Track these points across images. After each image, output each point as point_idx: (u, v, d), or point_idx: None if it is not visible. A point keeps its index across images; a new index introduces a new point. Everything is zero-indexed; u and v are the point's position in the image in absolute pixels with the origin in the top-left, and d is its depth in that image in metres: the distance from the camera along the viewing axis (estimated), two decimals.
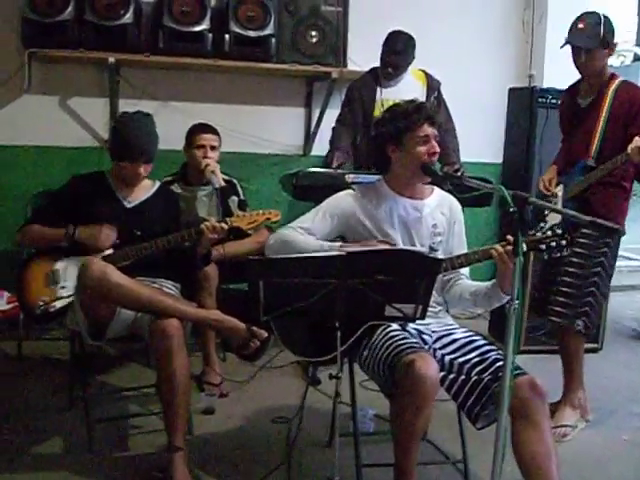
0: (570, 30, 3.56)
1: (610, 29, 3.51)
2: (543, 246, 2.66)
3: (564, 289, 3.58)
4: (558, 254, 2.74)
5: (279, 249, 2.85)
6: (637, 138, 3.28)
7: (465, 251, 2.92)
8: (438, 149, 2.84)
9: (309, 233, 2.89)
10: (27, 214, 4.20)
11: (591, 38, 3.49)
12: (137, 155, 3.35)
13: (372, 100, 4.46)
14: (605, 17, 3.53)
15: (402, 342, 2.62)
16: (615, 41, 3.51)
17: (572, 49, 3.55)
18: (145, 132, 3.41)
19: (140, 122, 3.44)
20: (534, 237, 2.66)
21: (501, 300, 2.73)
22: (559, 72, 3.80)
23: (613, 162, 3.41)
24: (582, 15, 3.56)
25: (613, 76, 3.57)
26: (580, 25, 3.53)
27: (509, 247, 2.58)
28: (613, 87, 3.52)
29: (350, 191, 3.00)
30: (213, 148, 4.22)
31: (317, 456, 3.23)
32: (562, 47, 3.59)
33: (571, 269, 3.55)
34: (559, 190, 3.66)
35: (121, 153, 3.38)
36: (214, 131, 4.28)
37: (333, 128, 4.62)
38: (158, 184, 3.63)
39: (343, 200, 2.96)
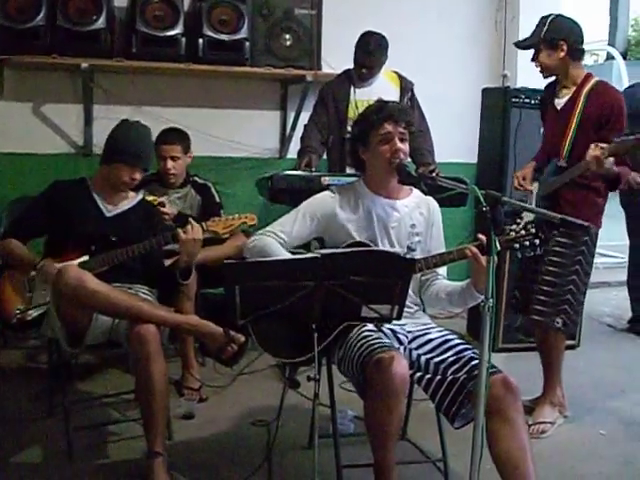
0: None
1: (556, 29, 3.53)
2: (517, 245, 2.68)
3: (545, 288, 3.60)
4: (532, 253, 2.76)
5: (257, 255, 2.85)
6: (592, 146, 3.29)
7: (442, 250, 2.94)
8: (401, 145, 2.83)
9: (289, 236, 2.90)
10: (1, 222, 4.17)
11: (532, 38, 3.59)
12: (138, 160, 3.35)
13: (345, 101, 4.48)
14: (556, 17, 3.58)
15: (374, 341, 2.63)
16: (564, 43, 3.50)
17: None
18: (146, 140, 3.45)
19: (141, 130, 3.45)
20: (508, 236, 2.68)
21: (476, 299, 2.74)
22: (532, 72, 3.82)
23: (577, 168, 3.44)
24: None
25: (587, 77, 3.58)
26: (534, 28, 3.62)
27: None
28: (587, 88, 3.54)
29: (329, 192, 3.01)
30: (174, 158, 4.21)
31: (297, 458, 3.23)
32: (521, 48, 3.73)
33: (551, 268, 3.58)
34: (534, 187, 3.70)
35: (121, 156, 3.34)
36: (174, 140, 4.24)
37: (305, 126, 4.62)
38: (140, 197, 3.62)
39: (322, 201, 2.97)
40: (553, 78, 3.70)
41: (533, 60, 3.61)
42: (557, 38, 3.51)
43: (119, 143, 3.40)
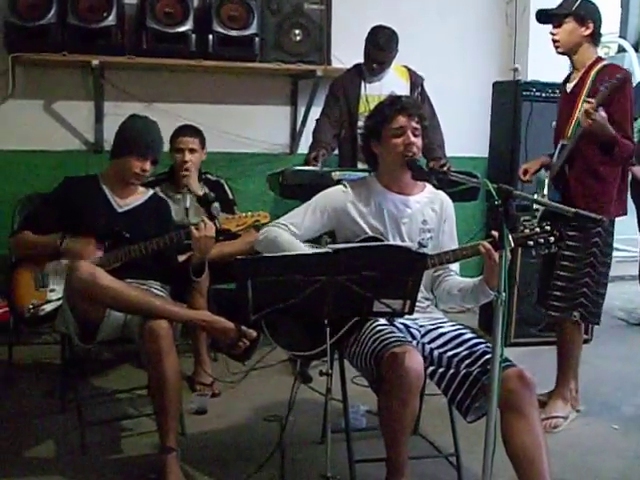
0: None
1: (586, 7, 3.54)
2: (531, 242, 2.68)
3: (559, 283, 3.60)
4: (546, 251, 2.75)
5: (267, 247, 2.86)
6: (585, 104, 3.32)
7: (455, 247, 2.95)
8: (414, 139, 2.83)
9: (299, 229, 2.90)
10: (14, 219, 4.19)
11: (560, 9, 3.57)
12: (148, 151, 3.37)
13: (356, 95, 4.48)
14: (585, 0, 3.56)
15: (388, 336, 2.64)
16: (592, 23, 3.52)
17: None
18: (155, 132, 3.46)
19: (149, 123, 3.48)
20: (522, 233, 2.68)
21: (488, 296, 2.73)
22: (543, 65, 3.82)
23: (574, 136, 3.46)
24: None
25: (597, 60, 3.59)
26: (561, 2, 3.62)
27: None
28: (595, 70, 3.54)
29: (341, 187, 3.00)
30: (192, 151, 4.23)
31: (310, 453, 3.24)
32: (541, 22, 3.69)
33: (564, 263, 3.58)
34: (545, 177, 3.68)
35: (131, 148, 3.36)
36: (193, 133, 4.27)
37: (317, 120, 4.62)
38: (151, 192, 3.64)
39: (334, 195, 2.97)
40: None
41: (555, 27, 3.59)
42: (587, 16, 3.53)
43: (128, 136, 3.43)
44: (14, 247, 3.50)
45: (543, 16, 3.69)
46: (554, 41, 3.60)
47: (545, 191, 3.63)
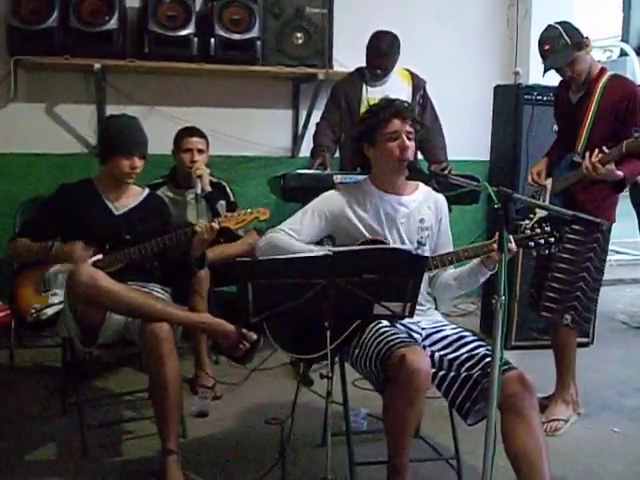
0: (541, 56, 3.57)
1: (573, 31, 3.50)
2: (532, 243, 2.70)
3: (554, 285, 3.61)
4: (546, 251, 2.77)
5: (269, 252, 2.86)
6: (594, 157, 3.31)
7: (450, 246, 2.99)
8: (409, 143, 2.82)
9: (299, 234, 2.90)
10: (16, 222, 4.19)
11: (562, 52, 3.48)
12: (132, 147, 3.36)
13: (358, 99, 4.47)
14: (562, 24, 3.52)
15: (393, 337, 2.63)
16: (585, 36, 3.50)
17: (555, 71, 3.58)
18: (136, 128, 3.46)
19: (129, 120, 3.49)
20: (523, 234, 2.70)
21: (486, 275, 2.79)
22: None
23: (579, 172, 3.45)
24: (542, 37, 3.56)
25: (602, 71, 3.57)
26: (546, 47, 3.54)
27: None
28: (602, 82, 3.53)
29: (336, 190, 3.01)
30: (200, 151, 4.25)
31: (310, 456, 3.24)
32: (544, 75, 3.64)
33: (561, 265, 3.58)
34: (548, 183, 3.69)
35: (116, 148, 3.36)
36: (201, 134, 4.30)
37: (317, 124, 4.64)
38: (147, 191, 3.63)
39: (330, 199, 2.97)
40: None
41: (564, 75, 3.57)
42: (581, 38, 3.50)
43: (110, 137, 3.45)
44: (11, 253, 3.49)
45: (552, 68, 3.59)
46: (574, 78, 3.55)
47: (547, 197, 3.63)
